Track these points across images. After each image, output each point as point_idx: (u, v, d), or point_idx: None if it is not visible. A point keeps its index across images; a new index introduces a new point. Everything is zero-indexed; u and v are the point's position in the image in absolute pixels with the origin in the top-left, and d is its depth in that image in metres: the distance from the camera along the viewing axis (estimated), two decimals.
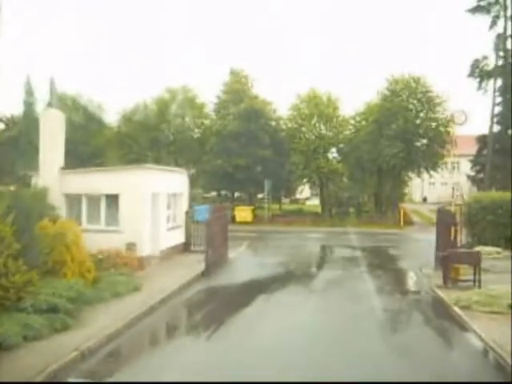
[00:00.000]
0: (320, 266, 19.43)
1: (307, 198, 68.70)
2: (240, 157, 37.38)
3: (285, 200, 63.94)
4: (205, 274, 15.89)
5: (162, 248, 17.22)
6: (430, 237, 31.47)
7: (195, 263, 16.73)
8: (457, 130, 24.92)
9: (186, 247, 19.69)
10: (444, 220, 17.92)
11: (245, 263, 19.40)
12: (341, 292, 14.58)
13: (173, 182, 18.58)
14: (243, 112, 37.36)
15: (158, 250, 16.89)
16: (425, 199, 71.01)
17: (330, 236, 31.12)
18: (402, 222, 36.91)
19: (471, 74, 39.23)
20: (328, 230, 33.92)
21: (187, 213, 20.34)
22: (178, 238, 19.20)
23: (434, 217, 46.52)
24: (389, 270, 18.36)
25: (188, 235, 20.16)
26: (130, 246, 15.30)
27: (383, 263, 20.13)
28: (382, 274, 17.47)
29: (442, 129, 37.42)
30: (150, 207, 16.06)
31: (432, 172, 38.63)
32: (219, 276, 16.30)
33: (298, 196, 57.01)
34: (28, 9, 68.67)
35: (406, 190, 52.17)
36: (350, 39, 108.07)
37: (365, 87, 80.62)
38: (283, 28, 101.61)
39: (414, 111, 37.79)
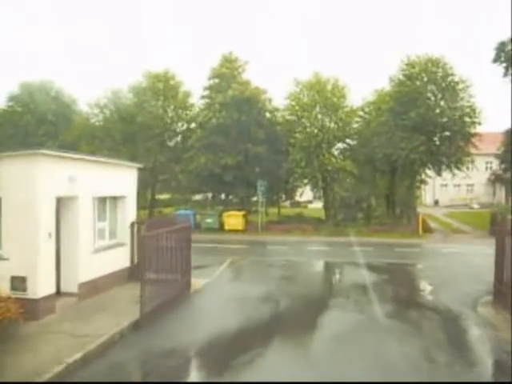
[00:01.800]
0: (324, 304, 13.07)
1: (309, 201, 62.98)
2: (229, 154, 31.63)
3: (285, 203, 58.49)
4: (140, 325, 10.07)
5: (85, 279, 11.44)
6: (460, 249, 25.12)
7: (135, 303, 10.89)
8: None
9: (132, 274, 13.79)
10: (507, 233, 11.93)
11: (215, 298, 13.46)
12: (360, 367, 8.32)
13: (109, 180, 12.73)
14: (231, 100, 31.60)
15: (76, 284, 11.11)
16: (436, 202, 65.36)
17: (336, 248, 25.30)
18: (420, 230, 31.11)
19: (496, 60, 33.28)
20: (333, 240, 28.12)
21: (136, 225, 14.45)
22: (119, 261, 13.36)
23: (452, 222, 41.60)
24: (426, 310, 12.37)
25: (138, 256, 14.27)
26: (18, 282, 9.52)
27: (414, 297, 14.27)
28: (419, 319, 11.42)
29: (467, 119, 31.64)
30: (55, 218, 10.26)
31: (456, 171, 32.63)
32: (163, 330, 10.23)
33: (298, 199, 51.16)
34: None
35: (418, 192, 46.08)
36: (355, 20, 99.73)
37: (373, 75, 72.63)
38: (280, 6, 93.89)
39: (433, 99, 31.94)
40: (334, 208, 34.88)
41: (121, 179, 13.32)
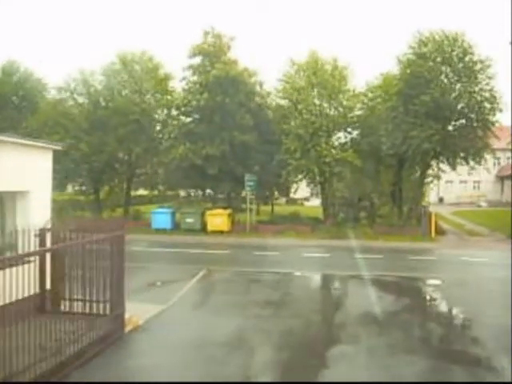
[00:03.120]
0: (321, 359, 8.30)
1: (306, 198, 58.72)
2: (211, 143, 27.31)
3: (280, 201, 54.10)
4: None
5: None
6: (482, 257, 20.55)
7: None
8: None
9: (43, 304, 9.42)
10: None
11: (157, 346, 8.82)
12: None
13: None
14: (215, 81, 27.24)
15: None
16: (441, 200, 61.26)
17: (336, 255, 21.14)
18: (433, 233, 26.91)
19: None
20: (332, 245, 23.96)
21: (49, 232, 9.96)
22: (19, 286, 8.95)
23: (463, 222, 37.33)
24: (478, 368, 8.13)
25: (52, 278, 9.90)
26: None
27: (452, 342, 9.86)
28: None
29: (487, 105, 27.40)
30: None
31: (473, 163, 28.32)
32: None
33: (294, 195, 46.82)
34: None
35: (428, 189, 41.75)
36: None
37: (378, 58, 65.75)
38: None
39: (447, 81, 27.66)
40: (333, 206, 30.56)
41: (20, 166, 8.92)
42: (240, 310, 11.42)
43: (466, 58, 27.50)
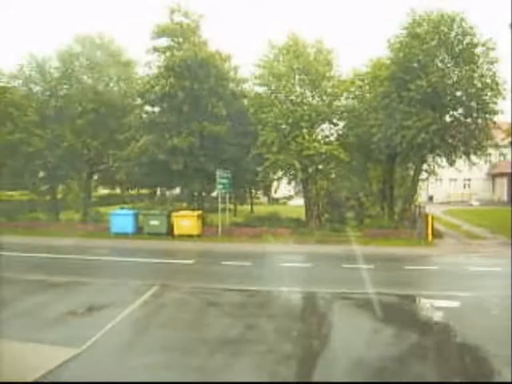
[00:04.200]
0: None
1: (290, 197, 55.65)
2: (178, 134, 23.84)
3: (263, 200, 50.84)
4: None
5: None
6: (491, 265, 17.30)
7: None
8: None
9: None
10: None
11: None
12: None
13: None
14: (182, 64, 23.74)
15: None
16: (431, 198, 58.52)
17: (320, 265, 17.85)
18: (430, 236, 23.74)
19: None
20: (316, 251, 20.77)
21: None
22: None
23: (458, 223, 34.33)
24: None
25: None
26: None
27: None
28: None
29: (488, 92, 24.28)
30: None
31: (474, 158, 25.19)
32: None
33: (275, 194, 43.54)
34: None
35: (422, 187, 38.70)
36: None
37: (367, 44, 61.34)
38: None
39: (444, 65, 24.46)
40: (317, 206, 27.20)
41: None
42: (180, 356, 8.02)
43: (466, 40, 24.36)
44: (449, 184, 58.83)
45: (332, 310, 11.34)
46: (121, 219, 24.94)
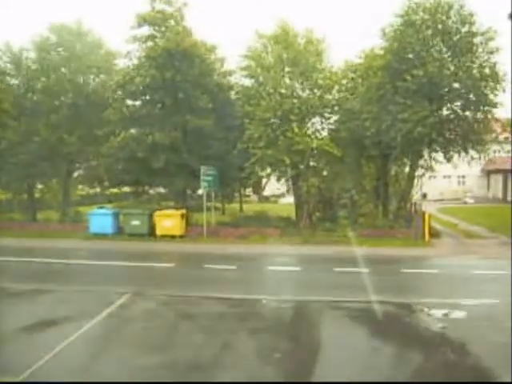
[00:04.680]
0: None
1: (281, 195, 54.28)
2: (160, 128, 22.36)
3: (253, 198, 49.48)
4: None
5: None
6: (496, 267, 15.73)
7: None
8: None
9: None
10: None
11: None
12: None
13: None
14: (163, 55, 22.25)
15: None
16: (424, 196, 57.20)
17: (309, 268, 16.46)
18: (427, 236, 22.45)
19: None
20: (305, 253, 19.41)
21: None
22: None
23: (454, 221, 32.95)
24: None
25: None
26: None
27: None
28: None
29: (491, 83, 22.99)
30: None
31: (474, 153, 23.90)
32: None
33: (264, 192, 42.15)
34: None
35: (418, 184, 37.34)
36: None
37: (359, 34, 59.93)
38: None
39: (439, 56, 23.12)
40: (308, 204, 25.80)
41: None
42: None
43: (464, 29, 23.06)
44: (443, 181, 57.70)
45: (322, 322, 9.95)
46: (100, 219, 23.47)
